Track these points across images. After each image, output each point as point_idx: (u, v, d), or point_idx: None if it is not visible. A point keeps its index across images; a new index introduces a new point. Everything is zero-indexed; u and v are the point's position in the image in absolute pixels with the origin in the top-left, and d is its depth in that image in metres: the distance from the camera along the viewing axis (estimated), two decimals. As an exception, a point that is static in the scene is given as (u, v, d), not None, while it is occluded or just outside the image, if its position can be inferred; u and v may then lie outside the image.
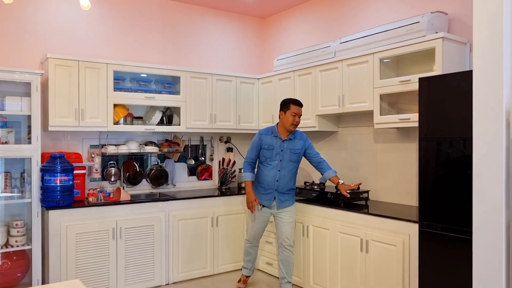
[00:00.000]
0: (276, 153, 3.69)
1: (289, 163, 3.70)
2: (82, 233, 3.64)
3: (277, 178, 3.70)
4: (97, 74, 3.99)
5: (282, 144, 3.70)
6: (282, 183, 3.70)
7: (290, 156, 3.70)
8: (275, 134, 3.73)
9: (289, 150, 3.69)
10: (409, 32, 3.33)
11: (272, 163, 3.70)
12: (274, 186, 3.71)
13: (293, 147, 3.70)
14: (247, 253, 4.00)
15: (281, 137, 3.71)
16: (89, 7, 2.82)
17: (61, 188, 3.58)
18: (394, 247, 3.07)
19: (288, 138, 3.71)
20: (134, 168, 4.51)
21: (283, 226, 3.72)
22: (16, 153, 3.56)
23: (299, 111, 3.64)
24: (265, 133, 3.76)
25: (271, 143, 3.71)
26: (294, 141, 3.72)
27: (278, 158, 3.69)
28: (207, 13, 5.14)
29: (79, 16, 4.30)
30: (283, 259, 3.75)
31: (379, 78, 3.54)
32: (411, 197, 3.67)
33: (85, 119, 3.92)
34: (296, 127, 3.67)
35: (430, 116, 2.76)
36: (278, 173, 3.69)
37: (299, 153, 3.73)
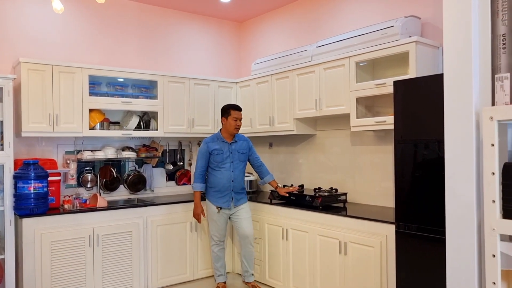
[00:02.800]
0: (226, 156, 3.93)
1: (239, 163, 3.98)
2: (57, 241, 3.57)
3: (232, 178, 3.94)
4: (72, 79, 3.92)
5: (230, 147, 3.96)
6: (236, 182, 3.96)
7: (239, 156, 3.99)
8: (221, 140, 3.96)
9: (237, 151, 3.98)
10: (383, 36, 3.39)
11: (225, 166, 3.92)
12: (231, 187, 3.93)
13: (240, 148, 4.00)
14: (217, 258, 4.06)
15: (227, 141, 3.96)
16: (62, 11, 2.77)
17: (35, 195, 3.50)
18: (372, 248, 3.10)
19: (233, 140, 3.98)
20: (111, 174, 4.45)
21: (242, 222, 3.94)
22: (-13, 160, 3.46)
23: (239, 115, 3.93)
24: (211, 141, 3.97)
25: (220, 148, 3.93)
26: (239, 142, 4.01)
27: (229, 160, 3.94)
28: (184, 17, 5.12)
29: (52, 20, 4.23)
30: (245, 254, 4.00)
31: (355, 82, 3.58)
32: (388, 199, 3.73)
33: (59, 125, 3.85)
34: (238, 130, 3.95)
35: (405, 119, 2.81)
36: (232, 173, 3.94)
37: (245, 152, 4.04)
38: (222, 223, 3.99)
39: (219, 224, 3.98)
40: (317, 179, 4.42)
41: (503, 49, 1.66)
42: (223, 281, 4.05)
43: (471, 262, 1.84)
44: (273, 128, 4.46)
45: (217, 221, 3.97)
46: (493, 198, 1.61)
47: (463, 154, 1.86)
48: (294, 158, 4.71)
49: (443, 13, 1.88)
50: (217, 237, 4.01)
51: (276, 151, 4.96)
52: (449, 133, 1.92)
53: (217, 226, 3.98)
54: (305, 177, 4.57)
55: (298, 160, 4.66)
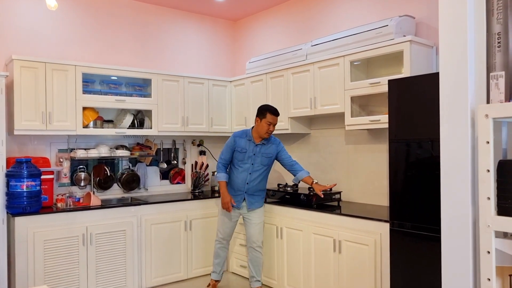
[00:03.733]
0: (248, 156, 3.76)
1: (260, 167, 3.79)
2: (50, 239, 3.54)
3: (247, 181, 3.78)
4: (65, 76, 3.90)
5: (255, 148, 3.77)
6: (252, 185, 3.79)
7: (262, 160, 3.78)
8: (249, 138, 3.80)
9: (261, 154, 3.78)
10: (378, 35, 3.41)
11: (244, 166, 3.77)
12: (244, 189, 3.79)
13: (266, 151, 3.79)
14: (217, 255, 4.01)
15: (254, 141, 3.78)
16: (56, 7, 2.75)
17: (28, 193, 3.47)
18: (366, 247, 3.12)
19: (261, 142, 3.79)
20: (105, 173, 4.42)
21: (252, 228, 3.81)
22: (-21, 158, 3.43)
23: (274, 121, 3.71)
24: (240, 136, 3.81)
25: (244, 146, 3.78)
26: (267, 145, 3.80)
27: (250, 162, 3.77)
28: (179, 16, 5.10)
29: (46, 17, 4.19)
30: (252, 259, 3.85)
31: (350, 81, 3.59)
32: (382, 198, 3.74)
33: (52, 123, 3.82)
34: (270, 135, 3.76)
35: (400, 118, 2.83)
36: (249, 176, 3.77)
37: (271, 157, 3.82)
38: (229, 221, 3.88)
39: (226, 221, 3.89)
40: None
41: (498, 48, 1.68)
42: (215, 279, 4.01)
43: (466, 259, 1.86)
44: (268, 127, 4.45)
45: (225, 217, 3.88)
46: (488, 195, 1.63)
47: (458, 151, 1.88)
48: (289, 157, 4.71)
49: (439, 11, 1.89)
50: (221, 233, 3.95)
51: (271, 150, 4.96)
52: (444, 131, 1.93)
53: (224, 223, 3.90)
54: (300, 176, 4.57)
55: (292, 159, 4.66)
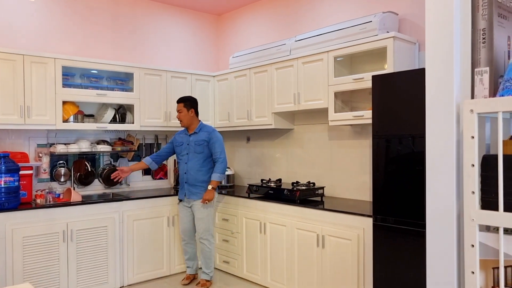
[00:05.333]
0: (184, 148, 4.00)
1: (194, 155, 3.94)
2: (29, 236, 3.46)
3: (185, 170, 3.97)
4: (44, 69, 3.80)
5: (189, 138, 4.00)
6: (190, 175, 3.94)
7: (195, 148, 3.95)
8: (185, 132, 4.06)
9: (193, 142, 3.96)
10: (362, 31, 3.43)
11: (182, 157, 4.01)
12: (184, 179, 3.98)
13: (197, 138, 3.97)
14: (184, 252, 4.13)
15: (188, 133, 4.02)
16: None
17: (6, 189, 3.38)
18: (349, 242, 3.15)
19: (194, 132, 4.00)
20: (86, 168, 4.34)
21: (197, 222, 3.97)
22: (-46, 153, 3.32)
23: (176, 108, 4.10)
24: (179, 133, 4.10)
25: (181, 140, 4.05)
26: (199, 133, 3.99)
27: (185, 152, 3.99)
28: (161, 8, 5.03)
29: (24, 8, 4.07)
30: (202, 252, 4.02)
31: (334, 76, 3.61)
32: (365, 193, 3.78)
33: (31, 117, 3.72)
34: (181, 122, 3.99)
35: (383, 113, 2.85)
36: (185, 165, 3.97)
37: (202, 144, 3.95)
38: (184, 216, 4.04)
39: (181, 217, 4.05)
40: (295, 173, 4.44)
41: (483, 44, 1.70)
42: (189, 273, 4.13)
43: (450, 252, 1.89)
44: (251, 122, 4.45)
45: (179, 213, 4.07)
46: (473, 189, 1.66)
47: (443, 146, 1.90)
48: (272, 152, 4.72)
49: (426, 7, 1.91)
50: (180, 230, 4.09)
51: (254, 145, 4.96)
52: (430, 126, 1.96)
53: (180, 219, 4.07)
54: (283, 171, 4.58)
55: (275, 154, 4.67)
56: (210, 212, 3.97)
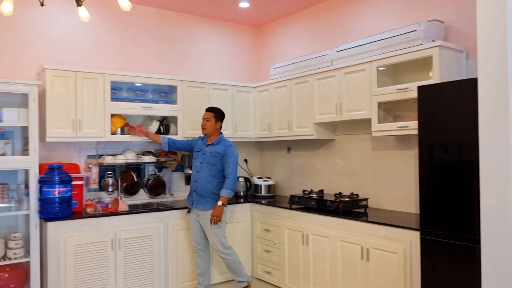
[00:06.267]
0: (199, 155, 3.99)
1: (207, 166, 3.91)
2: (80, 244, 3.61)
3: (195, 179, 3.94)
4: (94, 85, 3.98)
5: (206, 148, 3.98)
6: (200, 184, 3.90)
7: (209, 159, 3.91)
8: (204, 141, 4.04)
9: (209, 153, 3.93)
10: (406, 40, 3.38)
11: (195, 164, 4.00)
12: (194, 187, 3.95)
13: (213, 150, 3.94)
14: (197, 265, 4.04)
15: (207, 143, 4.01)
16: (88, 19, 2.82)
17: (59, 199, 3.55)
18: (395, 255, 3.08)
19: (212, 143, 3.97)
20: (132, 178, 4.49)
21: (208, 236, 3.90)
22: (13, 165, 3.53)
23: (204, 115, 4.02)
24: (201, 138, 4.11)
25: (199, 146, 4.04)
26: (217, 146, 3.96)
27: (199, 160, 3.97)
28: (203, 23, 5.16)
29: (76, 27, 4.29)
30: (226, 265, 3.95)
31: (377, 86, 3.57)
32: (410, 204, 3.69)
33: (82, 130, 3.90)
34: (204, 130, 3.98)
35: (431, 124, 2.79)
36: (197, 174, 3.95)
37: (217, 156, 3.91)
38: (194, 228, 3.97)
39: (191, 229, 4.00)
40: (337, 184, 4.41)
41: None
42: None
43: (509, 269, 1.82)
44: (292, 132, 4.46)
45: (189, 224, 4.03)
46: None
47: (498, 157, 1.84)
48: (313, 163, 4.70)
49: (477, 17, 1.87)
50: (192, 241, 4.03)
51: (295, 155, 4.96)
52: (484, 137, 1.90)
53: (191, 230, 4.02)
54: (324, 181, 4.55)
55: (316, 164, 4.65)
56: (221, 225, 3.86)
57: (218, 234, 3.85)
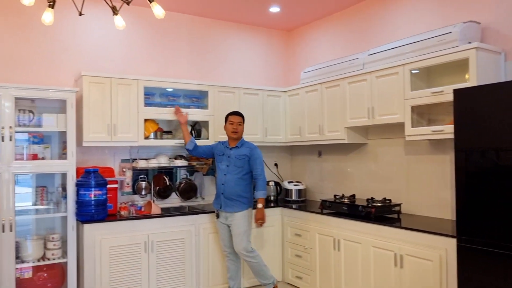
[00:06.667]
0: (224, 158, 4.00)
1: (234, 168, 3.93)
2: (115, 246, 3.70)
3: (223, 181, 3.96)
4: (129, 90, 4.08)
5: (230, 151, 4.00)
6: (228, 187, 3.91)
7: (235, 161, 3.94)
8: (225, 145, 4.06)
9: (235, 156, 3.96)
10: (440, 42, 3.30)
11: (221, 168, 4.01)
12: (221, 190, 3.96)
13: (239, 153, 3.97)
14: (227, 268, 4.06)
15: (229, 146, 4.02)
16: (124, 27, 2.90)
17: (95, 202, 3.65)
18: (430, 262, 3.00)
19: (235, 146, 4.00)
20: (164, 182, 4.57)
21: (233, 238, 3.91)
22: (52, 169, 3.66)
23: (235, 119, 3.99)
24: (221, 143, 4.13)
25: (221, 150, 4.07)
26: (241, 148, 3.99)
27: (225, 164, 3.98)
28: (233, 28, 5.21)
29: (111, 35, 4.42)
30: (250, 268, 3.94)
31: (410, 90, 3.50)
32: (445, 210, 3.60)
33: (117, 134, 4.00)
34: (236, 133, 3.98)
35: (468, 128, 2.72)
36: (224, 177, 3.96)
37: (243, 159, 3.94)
38: (223, 232, 4.00)
39: (220, 233, 4.02)
40: (368, 189, 4.34)
41: None
42: None
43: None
44: (323, 136, 4.43)
45: (218, 229, 4.04)
46: None
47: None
48: (344, 167, 4.65)
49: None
50: (222, 246, 4.05)
51: (325, 159, 4.92)
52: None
53: (219, 235, 4.04)
54: (356, 186, 4.50)
55: (347, 169, 4.60)
56: (248, 227, 3.90)
57: (244, 237, 3.87)
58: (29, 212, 3.71)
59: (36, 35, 4.06)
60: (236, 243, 3.88)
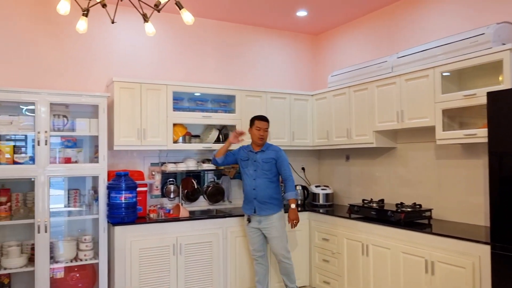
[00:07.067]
0: (250, 163, 3.99)
1: (262, 172, 3.94)
2: (145, 248, 3.76)
3: (254, 186, 3.94)
4: (158, 95, 4.16)
5: (255, 156, 3.98)
6: (260, 191, 3.91)
7: (263, 165, 3.94)
8: (249, 149, 4.04)
9: (261, 160, 3.95)
10: (473, 44, 3.22)
11: (248, 173, 3.99)
12: (253, 195, 3.93)
13: (265, 156, 3.96)
14: (255, 273, 4.07)
15: (254, 150, 4.00)
16: (154, 34, 2.96)
17: (126, 204, 3.73)
18: (463, 270, 2.93)
19: (261, 150, 3.99)
20: (192, 185, 4.62)
21: (272, 241, 3.92)
22: (85, 172, 3.76)
23: (262, 125, 3.95)
24: (244, 147, 4.10)
25: (246, 155, 4.03)
26: (267, 151, 3.99)
27: (252, 168, 3.97)
28: (260, 32, 5.23)
29: (140, 41, 4.53)
30: (282, 270, 3.98)
31: (441, 93, 3.43)
32: (478, 217, 3.50)
33: (146, 138, 4.08)
34: (262, 139, 3.96)
35: (501, 131, 2.64)
36: (254, 182, 3.94)
37: (271, 162, 3.95)
38: (254, 236, 3.98)
39: (252, 237, 4.00)
40: (398, 194, 4.27)
41: None
42: None
43: None
44: (351, 140, 4.39)
45: (249, 234, 4.02)
46: None
47: None
48: (372, 171, 4.59)
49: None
50: (251, 251, 4.04)
51: (353, 163, 4.87)
52: None
53: (250, 239, 4.02)
54: (384, 191, 4.43)
55: (376, 173, 4.54)
56: (284, 229, 3.96)
57: (283, 239, 3.93)
58: (63, 214, 3.82)
59: (70, 42, 4.19)
60: (276, 245, 3.90)
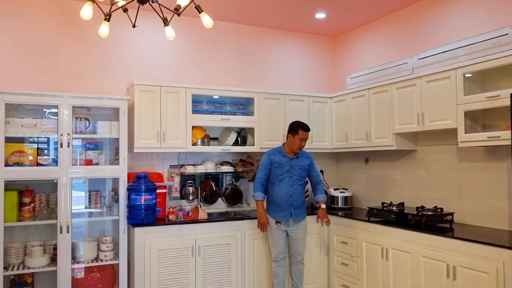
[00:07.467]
0: (286, 170, 3.96)
1: (298, 179, 3.99)
2: (164, 250, 3.80)
3: (290, 193, 3.95)
4: (177, 98, 4.20)
5: (291, 162, 3.97)
6: (295, 197, 3.96)
7: (299, 172, 3.99)
8: (283, 154, 4.00)
9: (297, 167, 3.99)
10: (496, 45, 3.16)
11: (284, 179, 3.95)
12: (289, 201, 3.94)
13: (301, 163, 4.01)
14: (275, 275, 4.03)
15: (289, 156, 3.98)
16: (174, 37, 2.99)
17: (145, 206, 3.77)
18: (486, 275, 2.86)
19: (295, 156, 4.00)
20: (211, 187, 4.65)
21: (297, 243, 4.01)
22: (106, 173, 3.82)
23: (306, 136, 3.92)
24: (273, 153, 4.02)
25: (280, 161, 3.97)
26: (301, 158, 4.02)
27: (288, 175, 3.96)
28: (278, 35, 5.24)
29: (160, 45, 4.58)
30: (295, 272, 4.05)
31: (463, 95, 3.37)
32: (502, 221, 3.42)
33: (166, 141, 4.12)
34: (301, 150, 3.97)
35: (525, 134, 2.58)
36: (290, 188, 3.95)
37: (306, 169, 4.04)
38: (280, 238, 3.98)
39: (278, 240, 3.98)
40: (418, 197, 4.20)
41: None
42: None
43: None
44: (370, 143, 4.35)
45: (275, 236, 3.98)
46: None
47: None
48: (392, 174, 4.54)
49: None
50: (274, 253, 4.01)
51: (373, 166, 4.82)
52: None
53: (276, 242, 3.99)
54: (404, 194, 4.37)
55: (395, 176, 4.48)
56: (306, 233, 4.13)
57: (304, 242, 4.06)
58: (84, 215, 3.89)
59: (91, 46, 4.27)
60: (299, 246, 4.02)
